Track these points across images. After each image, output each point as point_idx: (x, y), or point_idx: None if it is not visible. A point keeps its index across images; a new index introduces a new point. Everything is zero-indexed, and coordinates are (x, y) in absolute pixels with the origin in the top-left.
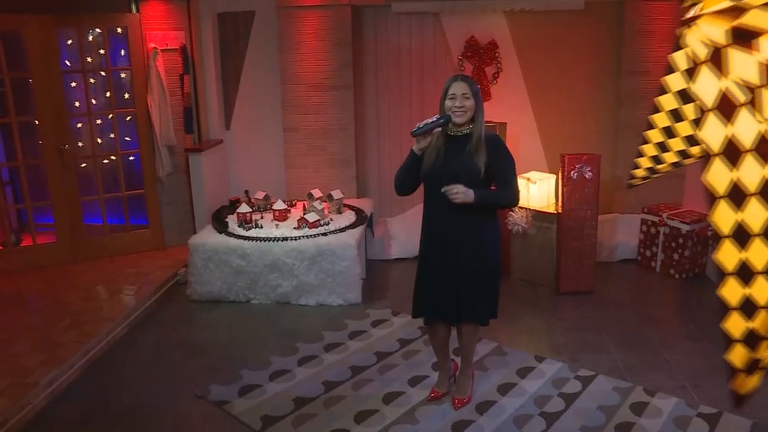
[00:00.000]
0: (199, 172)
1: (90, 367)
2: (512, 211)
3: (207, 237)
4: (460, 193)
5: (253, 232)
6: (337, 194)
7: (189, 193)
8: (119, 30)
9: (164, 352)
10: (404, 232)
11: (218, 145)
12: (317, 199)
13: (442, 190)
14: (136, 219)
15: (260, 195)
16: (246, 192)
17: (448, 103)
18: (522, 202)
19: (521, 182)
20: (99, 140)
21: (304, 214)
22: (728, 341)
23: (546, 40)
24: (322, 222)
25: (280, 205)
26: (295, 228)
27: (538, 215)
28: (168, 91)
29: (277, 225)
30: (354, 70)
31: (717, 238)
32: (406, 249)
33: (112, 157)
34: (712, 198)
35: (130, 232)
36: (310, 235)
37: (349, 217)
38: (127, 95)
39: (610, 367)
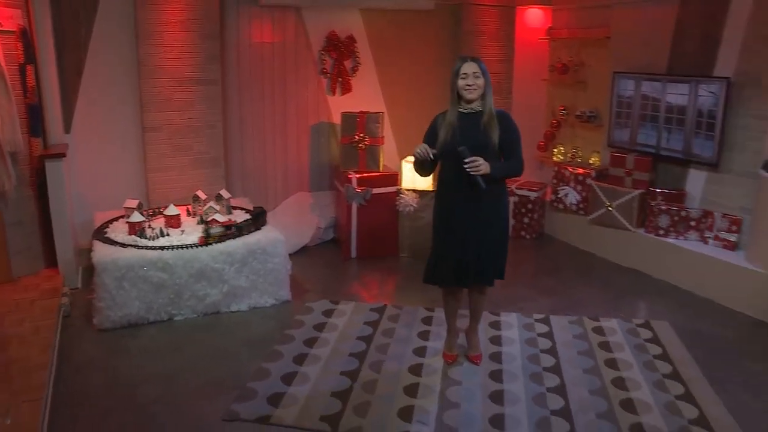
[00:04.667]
0: (60, 183)
1: None
2: (403, 193)
3: (115, 253)
4: (482, 164)
5: (164, 241)
6: (225, 194)
7: (37, 210)
8: None
9: (127, 393)
10: None
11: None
12: (203, 200)
13: (466, 160)
14: None
15: (132, 203)
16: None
17: (460, 82)
18: (408, 185)
19: (407, 166)
20: None
21: (205, 217)
22: None
23: (397, 37)
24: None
25: (172, 210)
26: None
27: (425, 195)
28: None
29: (182, 231)
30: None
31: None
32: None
33: None
34: None
35: None
36: (237, 235)
37: (243, 216)
38: None
39: (550, 309)
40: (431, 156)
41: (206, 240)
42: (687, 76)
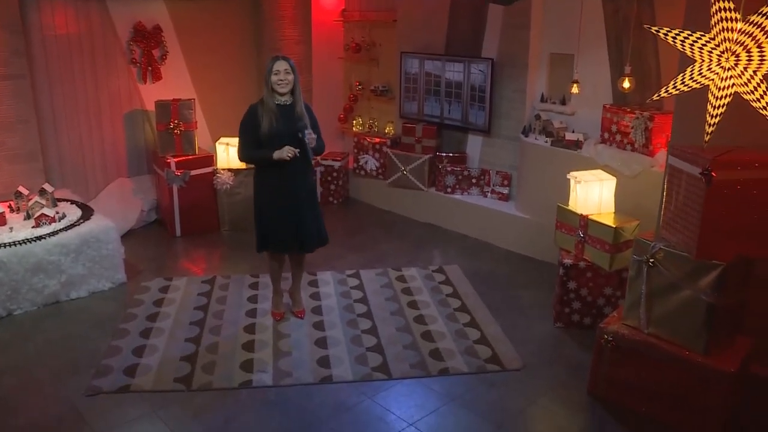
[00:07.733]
0: None
1: None
2: (219, 173)
3: None
4: (313, 138)
5: None
6: (48, 187)
7: None
8: None
9: None
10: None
11: None
12: (27, 196)
13: (306, 131)
14: None
15: None
16: None
17: (273, 78)
18: (223, 164)
19: (221, 147)
20: None
21: (32, 212)
22: None
23: (201, 25)
24: (58, 215)
25: None
26: (35, 227)
27: (239, 173)
28: None
29: (11, 228)
30: None
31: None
32: None
33: None
34: None
35: None
36: (68, 227)
37: (68, 207)
38: None
39: (361, 264)
40: (297, 153)
41: None
42: (461, 56)
